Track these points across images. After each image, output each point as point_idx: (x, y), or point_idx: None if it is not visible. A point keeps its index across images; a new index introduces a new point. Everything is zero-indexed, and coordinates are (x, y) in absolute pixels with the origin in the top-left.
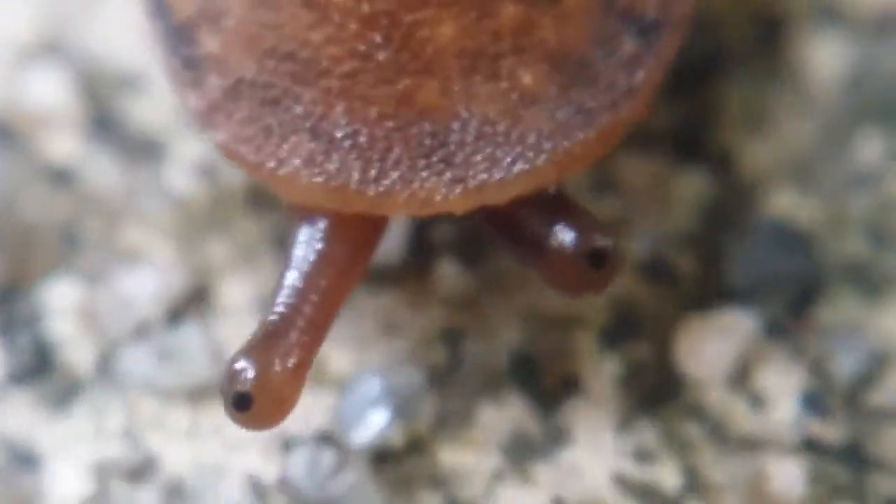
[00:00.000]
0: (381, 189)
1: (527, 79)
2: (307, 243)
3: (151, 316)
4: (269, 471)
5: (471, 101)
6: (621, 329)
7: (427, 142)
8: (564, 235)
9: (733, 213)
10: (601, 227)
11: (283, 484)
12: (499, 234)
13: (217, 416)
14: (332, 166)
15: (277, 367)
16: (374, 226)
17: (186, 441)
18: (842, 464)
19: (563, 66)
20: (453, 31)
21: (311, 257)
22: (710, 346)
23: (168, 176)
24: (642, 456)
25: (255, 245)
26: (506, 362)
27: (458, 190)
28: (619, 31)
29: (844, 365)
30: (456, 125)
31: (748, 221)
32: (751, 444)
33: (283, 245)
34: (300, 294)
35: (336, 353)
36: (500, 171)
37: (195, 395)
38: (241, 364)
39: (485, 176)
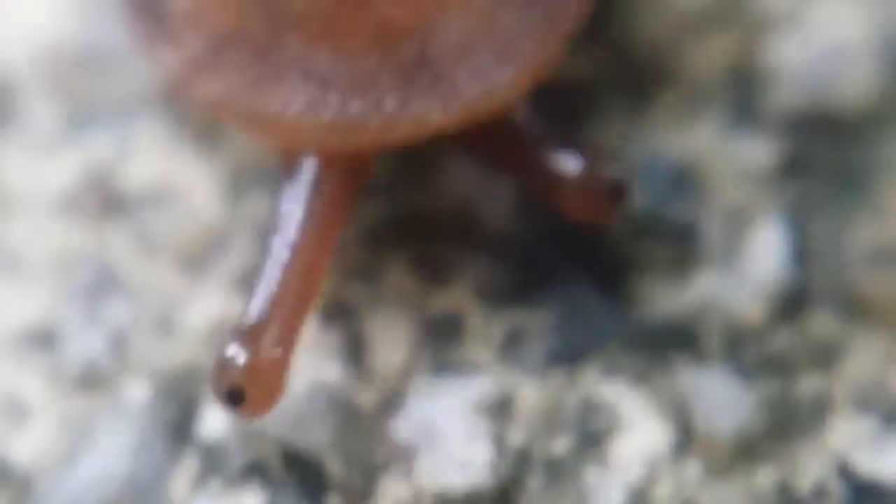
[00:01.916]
0: (383, 117)
1: None
2: (294, 200)
3: None
4: None
5: (446, 12)
6: None
7: (414, 63)
8: (578, 168)
9: None
10: (610, 160)
11: None
12: (497, 160)
13: None
14: (332, 104)
15: (267, 356)
16: (360, 166)
17: None
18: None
19: None
20: None
21: (299, 215)
22: None
23: None
24: None
25: None
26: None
27: (453, 106)
28: None
29: None
30: (437, 41)
31: None
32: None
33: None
34: (288, 266)
35: None
36: (489, 78)
37: None
38: (231, 354)
39: (475, 86)
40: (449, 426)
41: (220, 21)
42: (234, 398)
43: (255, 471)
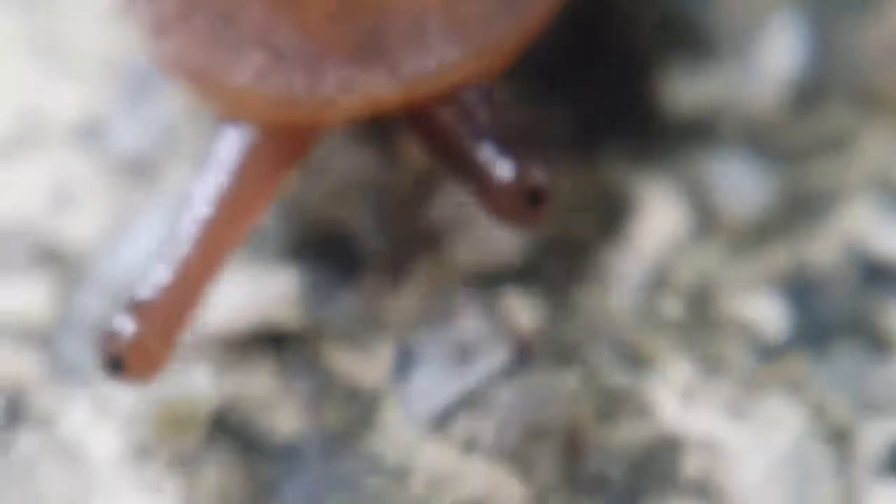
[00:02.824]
0: (324, 93)
1: None
2: (219, 168)
3: None
4: None
5: None
6: None
7: (364, 38)
8: (504, 171)
9: None
10: (537, 163)
11: None
12: (434, 148)
13: None
14: (277, 77)
15: (152, 335)
16: (299, 141)
17: None
18: None
19: None
20: None
21: (219, 186)
22: None
23: None
24: None
25: None
26: None
27: (392, 83)
28: None
29: None
30: (393, 18)
31: None
32: None
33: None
34: (193, 244)
35: None
36: (433, 61)
37: None
38: (118, 327)
39: (418, 67)
40: (479, 209)
41: None
42: (115, 365)
43: (292, 250)
